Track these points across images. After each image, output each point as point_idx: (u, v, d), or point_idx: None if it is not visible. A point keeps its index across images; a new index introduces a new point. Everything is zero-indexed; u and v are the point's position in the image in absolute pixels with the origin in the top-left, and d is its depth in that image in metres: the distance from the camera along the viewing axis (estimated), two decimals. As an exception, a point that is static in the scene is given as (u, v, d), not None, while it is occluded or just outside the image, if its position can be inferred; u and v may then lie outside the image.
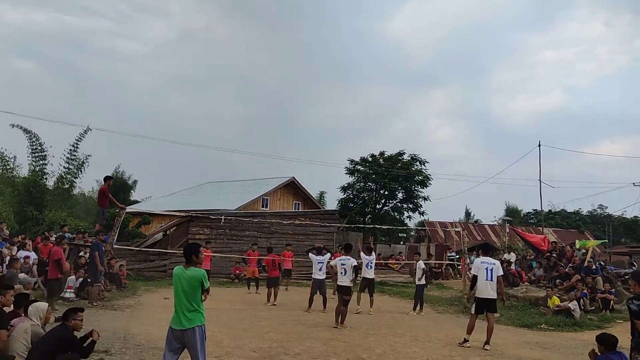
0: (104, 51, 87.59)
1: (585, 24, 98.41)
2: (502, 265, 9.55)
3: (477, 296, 8.42)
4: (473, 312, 8.53)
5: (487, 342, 8.19)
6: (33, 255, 12.68)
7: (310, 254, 12.72)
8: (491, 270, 8.36)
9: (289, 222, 19.74)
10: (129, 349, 6.84)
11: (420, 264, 12.93)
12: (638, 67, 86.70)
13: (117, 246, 13.84)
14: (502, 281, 8.72)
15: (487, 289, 8.32)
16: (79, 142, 22.30)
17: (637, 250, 29.91)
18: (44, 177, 21.81)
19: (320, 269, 12.02)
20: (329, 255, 12.73)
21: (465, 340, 8.33)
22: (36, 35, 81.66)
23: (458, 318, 11.82)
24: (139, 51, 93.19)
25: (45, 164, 21.78)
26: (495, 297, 8.39)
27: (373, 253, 12.51)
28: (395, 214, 34.16)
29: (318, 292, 11.85)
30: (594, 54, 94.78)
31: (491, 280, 8.33)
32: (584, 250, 16.25)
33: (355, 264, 10.39)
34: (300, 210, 29.86)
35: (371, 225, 27.89)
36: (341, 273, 10.09)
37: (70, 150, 22.27)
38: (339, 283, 10.14)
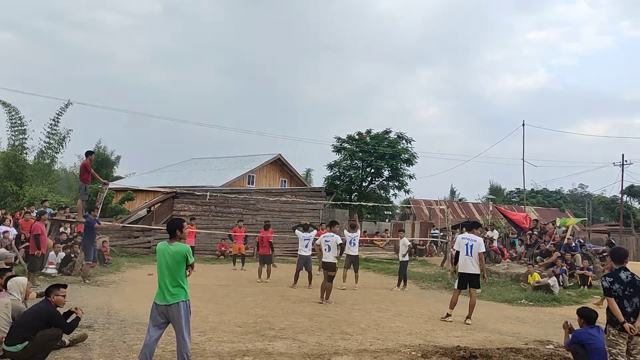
0: (87, 23, 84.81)
1: (572, 4, 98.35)
2: (485, 242, 9.69)
3: (459, 271, 8.60)
4: (456, 287, 8.70)
5: (468, 317, 8.37)
6: (13, 231, 12.46)
7: (296, 231, 12.78)
8: (471, 246, 8.48)
9: (275, 199, 19.68)
10: (113, 324, 6.81)
11: (405, 241, 13.10)
12: (622, 48, 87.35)
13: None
14: (484, 258, 8.87)
15: (467, 264, 8.49)
16: (59, 116, 21.79)
17: (616, 229, 30.79)
18: (24, 151, 21.35)
19: (306, 246, 12.09)
20: (315, 232, 12.80)
21: (448, 315, 8.50)
22: (16, 6, 78.58)
23: (441, 294, 12.04)
24: (124, 23, 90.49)
25: (25, 139, 21.31)
26: (477, 272, 8.54)
27: (358, 230, 12.66)
28: (381, 191, 34.34)
29: (304, 268, 11.94)
30: (579, 34, 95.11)
31: (470, 255, 8.46)
32: (564, 228, 16.64)
33: (340, 241, 10.48)
34: (286, 187, 29.77)
35: (357, 203, 28.08)
36: (325, 249, 10.20)
37: (51, 124, 21.77)
38: (323, 259, 10.23)
